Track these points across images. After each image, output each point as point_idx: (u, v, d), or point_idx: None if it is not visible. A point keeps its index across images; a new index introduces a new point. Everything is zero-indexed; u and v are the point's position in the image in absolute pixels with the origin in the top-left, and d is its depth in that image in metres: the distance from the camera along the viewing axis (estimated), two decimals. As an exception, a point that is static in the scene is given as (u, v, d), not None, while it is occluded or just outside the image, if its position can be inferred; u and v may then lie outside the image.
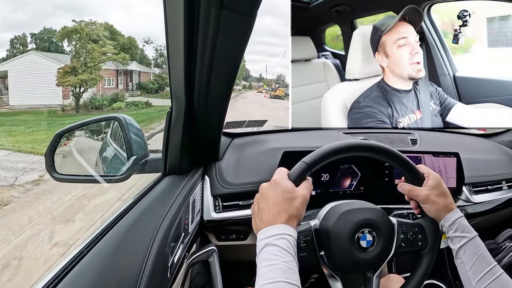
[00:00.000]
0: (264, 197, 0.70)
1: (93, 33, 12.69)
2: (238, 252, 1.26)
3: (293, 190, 0.70)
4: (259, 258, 0.61)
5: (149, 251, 0.67)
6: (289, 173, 0.74)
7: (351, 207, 0.81)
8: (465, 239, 0.75)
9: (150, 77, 17.83)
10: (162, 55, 20.41)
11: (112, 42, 13.55)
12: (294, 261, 0.61)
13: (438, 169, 1.25)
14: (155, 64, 20.42)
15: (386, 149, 0.81)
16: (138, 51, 18.33)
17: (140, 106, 13.03)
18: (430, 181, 0.81)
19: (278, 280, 0.57)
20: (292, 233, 0.65)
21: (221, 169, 1.21)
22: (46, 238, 3.68)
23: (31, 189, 5.26)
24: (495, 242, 1.43)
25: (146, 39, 19.10)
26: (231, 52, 0.80)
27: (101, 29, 13.36)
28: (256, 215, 0.70)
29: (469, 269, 0.73)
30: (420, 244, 0.83)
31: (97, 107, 12.13)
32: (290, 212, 0.67)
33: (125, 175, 1.01)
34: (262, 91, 25.32)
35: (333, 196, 1.16)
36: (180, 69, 0.81)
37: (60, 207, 4.43)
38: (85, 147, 1.37)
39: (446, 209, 0.79)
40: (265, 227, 0.65)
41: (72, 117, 10.90)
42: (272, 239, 0.62)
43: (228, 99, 0.97)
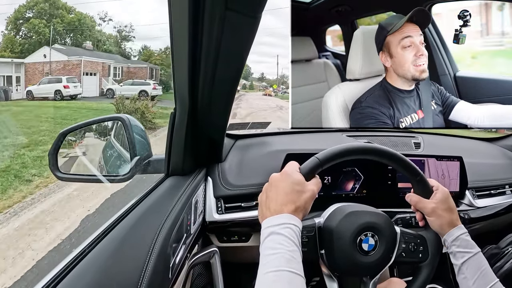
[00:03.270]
0: (274, 186, 0.70)
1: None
2: (239, 254, 1.26)
3: (303, 183, 0.70)
4: (263, 246, 0.61)
5: (151, 252, 0.67)
6: (301, 167, 0.74)
7: (357, 209, 0.81)
8: (468, 254, 0.75)
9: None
10: (126, 38, 17.24)
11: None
12: (299, 251, 0.61)
13: (441, 173, 1.25)
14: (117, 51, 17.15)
15: (398, 157, 0.80)
16: (90, 32, 15.65)
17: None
18: (438, 194, 0.81)
19: (282, 269, 0.56)
20: (298, 223, 0.65)
21: (224, 170, 1.21)
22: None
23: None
24: (497, 247, 1.42)
25: (102, 16, 15.63)
26: (236, 54, 0.80)
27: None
28: (263, 204, 0.70)
29: (471, 285, 0.73)
30: (420, 256, 0.83)
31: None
32: (297, 204, 0.67)
33: (128, 175, 1.02)
34: (271, 93, 23.46)
35: (336, 199, 1.15)
36: (184, 70, 0.81)
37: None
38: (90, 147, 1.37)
39: (450, 224, 0.79)
40: (271, 215, 0.65)
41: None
42: (277, 228, 0.62)
43: (232, 101, 0.97)
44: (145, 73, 20.51)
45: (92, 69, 16.90)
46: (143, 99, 10.93)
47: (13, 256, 3.13)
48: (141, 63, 21.64)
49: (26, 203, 4.42)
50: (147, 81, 18.15)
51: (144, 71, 20.77)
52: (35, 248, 3.26)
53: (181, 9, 0.68)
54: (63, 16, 14.51)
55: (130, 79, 18.69)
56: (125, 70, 19.96)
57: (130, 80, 18.34)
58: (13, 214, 4.14)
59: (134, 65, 21.01)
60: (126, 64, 20.34)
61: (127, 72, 19.92)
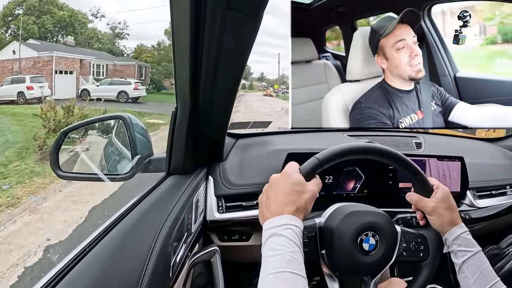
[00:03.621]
0: (274, 187, 0.70)
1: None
2: (240, 253, 1.26)
3: (303, 183, 0.70)
4: (265, 248, 0.61)
5: (152, 250, 0.67)
6: (301, 167, 0.74)
7: (357, 208, 0.81)
8: (469, 253, 0.75)
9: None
10: (119, 36, 15.52)
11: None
12: (300, 252, 0.61)
13: (442, 173, 1.24)
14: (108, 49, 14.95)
15: (398, 156, 0.80)
16: (82, 30, 13.91)
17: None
18: (439, 193, 0.81)
19: (283, 270, 0.57)
20: (299, 224, 0.65)
21: (225, 169, 1.21)
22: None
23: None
24: (498, 248, 1.42)
25: (94, 12, 13.91)
26: (237, 53, 0.80)
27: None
28: (264, 205, 0.70)
29: (472, 284, 0.73)
30: (421, 255, 0.83)
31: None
32: (298, 204, 0.67)
33: (129, 173, 1.02)
34: (272, 93, 22.66)
35: (337, 199, 1.15)
36: (185, 69, 0.81)
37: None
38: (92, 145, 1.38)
39: (451, 223, 0.79)
40: (272, 217, 0.65)
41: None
42: (278, 229, 0.62)
43: (234, 100, 0.97)
44: (133, 71, 18.45)
45: (68, 66, 14.67)
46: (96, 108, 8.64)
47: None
48: (130, 61, 19.29)
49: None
50: (127, 79, 15.62)
51: (131, 69, 18.40)
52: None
53: (183, 8, 0.68)
54: (54, 13, 13.65)
55: (110, 78, 15.99)
56: (110, 68, 17.79)
57: (108, 79, 15.81)
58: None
59: (121, 63, 18.81)
60: (111, 62, 18.09)
61: (112, 70, 17.73)
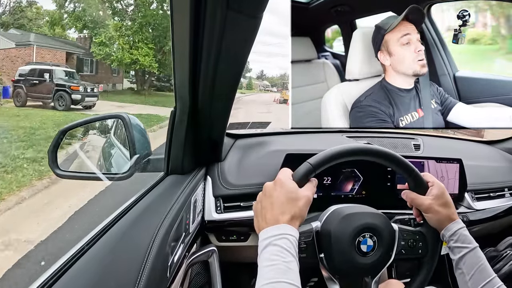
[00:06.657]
0: (268, 196, 0.70)
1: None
2: (238, 253, 1.26)
3: (296, 190, 0.70)
4: (261, 258, 0.62)
5: (149, 250, 0.67)
6: (294, 174, 0.74)
7: (353, 210, 0.81)
8: (466, 249, 0.75)
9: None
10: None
11: None
12: (295, 262, 0.61)
13: (440, 175, 1.25)
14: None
15: (391, 155, 0.80)
16: None
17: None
18: (434, 190, 0.81)
19: (278, 280, 0.57)
20: (294, 233, 0.65)
21: (224, 170, 1.21)
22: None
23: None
24: (496, 250, 1.42)
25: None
26: (236, 53, 0.80)
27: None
28: (259, 214, 0.70)
29: (468, 280, 0.73)
30: (420, 252, 0.83)
31: None
32: (293, 212, 0.67)
33: (127, 173, 1.02)
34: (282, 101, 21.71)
35: (335, 200, 1.15)
36: (185, 69, 0.81)
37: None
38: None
39: (448, 219, 0.79)
40: (267, 226, 0.65)
41: None
42: (273, 239, 0.63)
43: (233, 100, 0.97)
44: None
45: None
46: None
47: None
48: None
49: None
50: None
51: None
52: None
53: (183, 9, 0.68)
54: None
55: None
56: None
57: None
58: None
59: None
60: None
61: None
